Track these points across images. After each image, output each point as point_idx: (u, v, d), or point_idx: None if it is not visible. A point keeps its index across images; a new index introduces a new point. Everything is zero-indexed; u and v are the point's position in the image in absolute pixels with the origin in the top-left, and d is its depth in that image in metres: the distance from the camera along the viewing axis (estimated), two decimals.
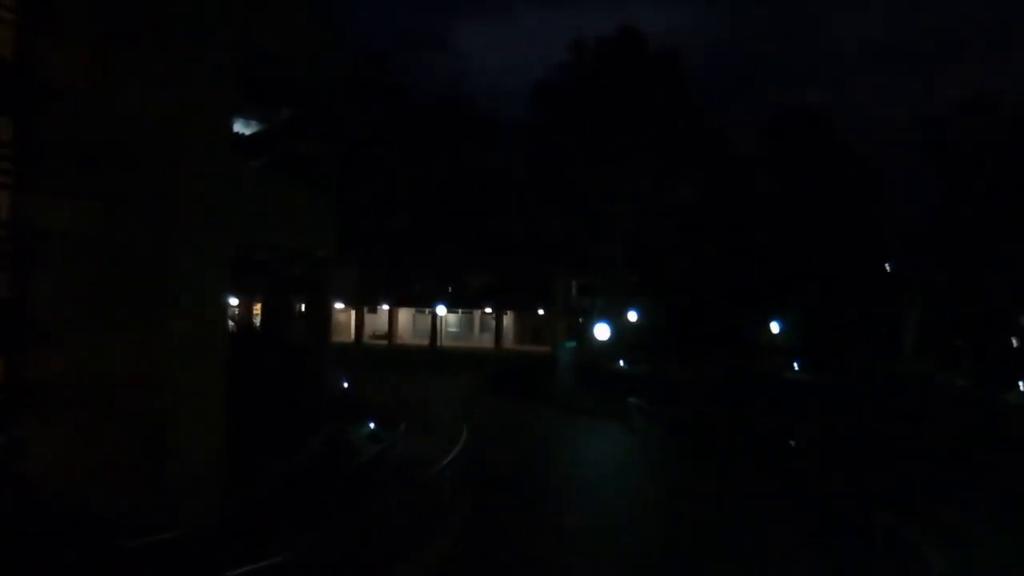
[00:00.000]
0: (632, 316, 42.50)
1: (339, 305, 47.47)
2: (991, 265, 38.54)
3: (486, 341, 46.55)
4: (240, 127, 12.66)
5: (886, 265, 47.64)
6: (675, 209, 43.57)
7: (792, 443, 19.94)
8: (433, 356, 36.99)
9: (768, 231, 43.88)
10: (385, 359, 34.50)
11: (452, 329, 48.43)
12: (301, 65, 12.19)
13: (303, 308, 14.94)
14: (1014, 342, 40.99)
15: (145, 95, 7.85)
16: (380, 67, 39.70)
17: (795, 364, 36.72)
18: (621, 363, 35.27)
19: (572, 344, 20.35)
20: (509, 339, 46.53)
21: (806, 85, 78.30)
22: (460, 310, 47.88)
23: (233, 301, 15.24)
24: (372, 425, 14.37)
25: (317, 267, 13.58)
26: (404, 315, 47.20)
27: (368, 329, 47.47)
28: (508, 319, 47.08)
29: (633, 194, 40.71)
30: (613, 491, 10.19)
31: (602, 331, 20.25)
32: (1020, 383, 29.66)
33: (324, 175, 13.70)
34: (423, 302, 44.00)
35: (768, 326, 42.24)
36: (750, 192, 46.23)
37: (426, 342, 42.49)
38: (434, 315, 41.13)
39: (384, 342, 45.46)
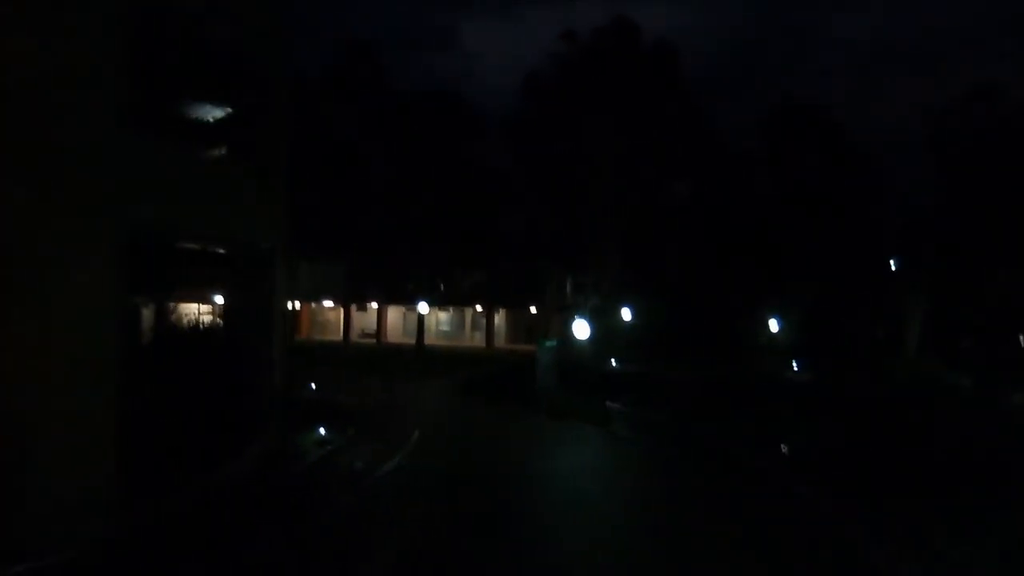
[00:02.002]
0: (626, 314, 41.40)
1: (328, 303, 46.49)
2: (997, 261, 37.21)
3: (478, 340, 45.44)
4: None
5: (890, 263, 46.46)
6: (672, 205, 42.48)
7: (784, 448, 18.83)
8: (418, 356, 35.84)
9: (767, 228, 42.73)
10: (369, 359, 33.40)
11: (443, 328, 47.36)
12: (235, 42, 11.08)
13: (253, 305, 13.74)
14: (1021, 340, 39.62)
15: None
16: (366, 59, 38.57)
17: (794, 364, 35.42)
18: (613, 362, 34.14)
19: (553, 343, 19.12)
20: (501, 338, 45.38)
21: (807, 84, 77.01)
22: (451, 308, 46.80)
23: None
24: (323, 431, 13.20)
25: (262, 259, 12.44)
26: (394, 313, 46.10)
27: (357, 328, 46.42)
28: (500, 317, 45.96)
29: (628, 190, 39.55)
30: (570, 524, 8.89)
31: (581, 329, 19.03)
32: None
33: (269, 162, 12.58)
34: (413, 300, 42.90)
35: (767, 325, 41.03)
36: (748, 188, 45.11)
37: (414, 340, 41.35)
38: (421, 314, 39.97)
39: (373, 341, 44.38)
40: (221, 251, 12.22)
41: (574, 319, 20.71)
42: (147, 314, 12.39)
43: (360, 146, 39.40)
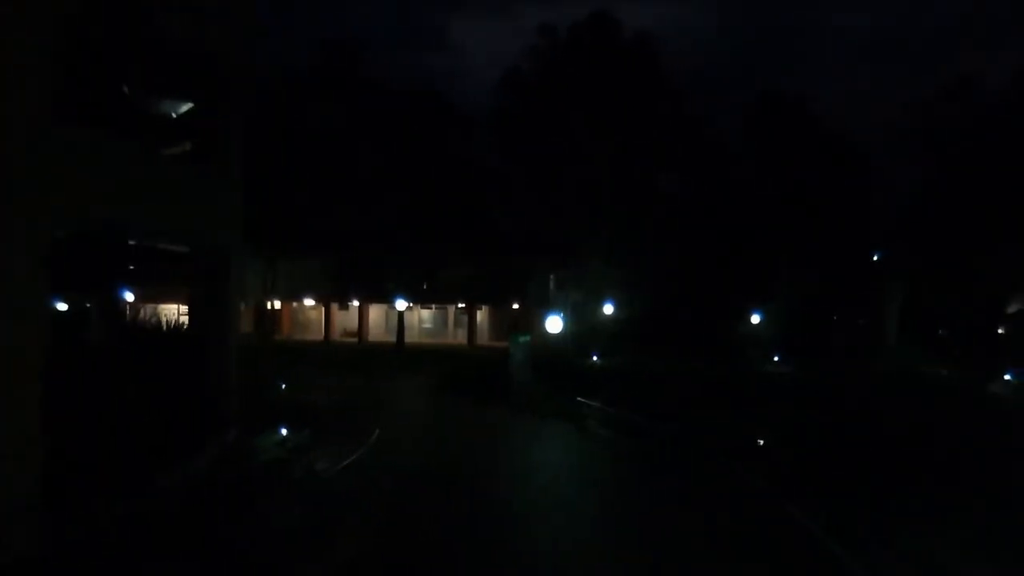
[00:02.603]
0: (609, 309, 41.33)
1: (309, 302, 46.06)
2: (976, 252, 37.41)
3: (461, 337, 45.20)
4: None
5: (873, 255, 46.65)
6: (655, 200, 42.40)
7: (760, 442, 18.75)
8: (397, 355, 35.54)
9: (749, 221, 42.77)
10: (348, 358, 33.07)
11: (426, 326, 47.09)
12: (187, 34, 10.77)
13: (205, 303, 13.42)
14: (999, 331, 39.91)
15: None
16: (346, 54, 38.14)
17: (775, 356, 35.45)
18: (594, 357, 33.99)
19: (526, 338, 18.92)
20: (485, 335, 45.15)
21: (795, 78, 77.22)
22: (434, 306, 46.53)
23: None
24: (284, 432, 12.93)
25: (216, 256, 12.14)
26: (376, 312, 45.74)
27: (338, 326, 46.05)
28: (483, 314, 45.72)
29: (611, 185, 39.43)
30: (530, 534, 8.68)
31: (554, 324, 18.84)
32: (1007, 374, 28.39)
33: (224, 157, 12.27)
34: (395, 298, 42.56)
35: (749, 318, 41.11)
36: (731, 182, 45.12)
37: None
38: (401, 312, 39.67)
39: (354, 340, 44.03)
40: (172, 248, 11.93)
41: (548, 314, 20.50)
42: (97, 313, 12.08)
43: (342, 143, 38.99)
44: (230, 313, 12.22)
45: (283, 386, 19.32)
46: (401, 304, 38.31)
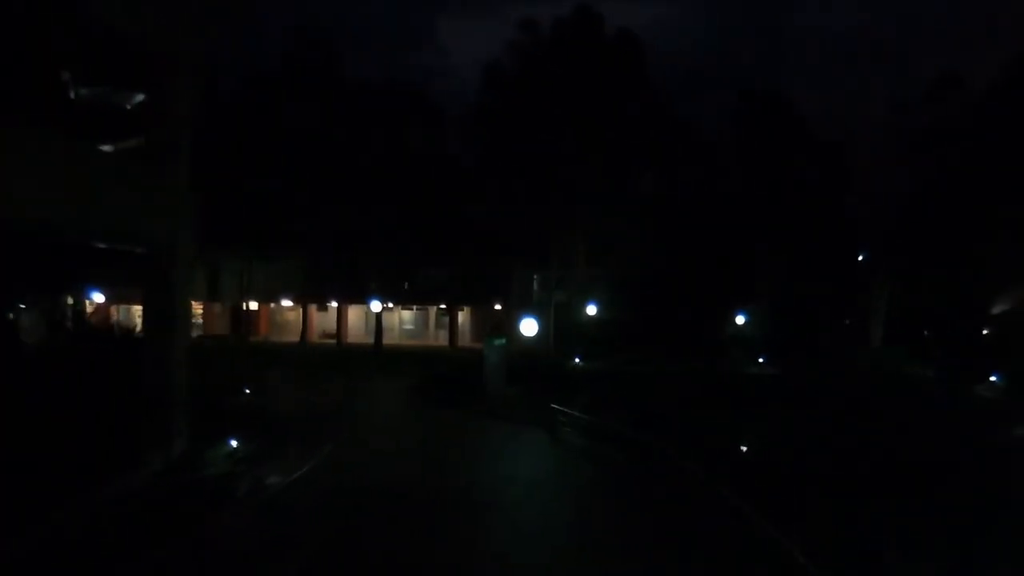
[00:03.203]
0: (592, 310, 40.71)
1: (287, 303, 45.09)
2: (961, 253, 37.14)
3: (442, 339, 44.40)
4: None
5: (858, 255, 46.37)
6: (639, 199, 41.85)
7: (743, 449, 18.15)
8: (375, 357, 34.71)
9: (734, 221, 42.33)
10: (324, 360, 32.22)
11: (407, 327, 46.26)
12: (127, 26, 9.99)
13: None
14: (984, 332, 39.68)
15: None
16: (319, 48, 37.25)
17: (760, 358, 34.97)
18: (577, 359, 33.38)
19: (502, 341, 18.20)
20: (466, 336, 44.38)
21: (782, 79, 76.99)
22: (415, 307, 45.71)
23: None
24: (236, 442, 12.13)
25: (159, 253, 11.34)
26: (355, 313, 44.83)
27: (317, 328, 45.11)
28: (465, 315, 44.96)
29: (594, 183, 38.79)
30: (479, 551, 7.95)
31: (528, 326, 18.13)
32: (992, 376, 28.01)
33: (169, 155, 11.49)
34: (374, 299, 41.65)
35: (734, 318, 40.66)
36: (716, 181, 44.70)
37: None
38: (379, 313, 38.83)
39: (333, 341, 43.12)
40: (117, 249, 11.11)
41: (522, 316, 19.80)
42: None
43: (319, 140, 38.08)
44: (176, 315, 11.40)
45: (247, 391, 18.46)
46: (376, 305, 37.46)
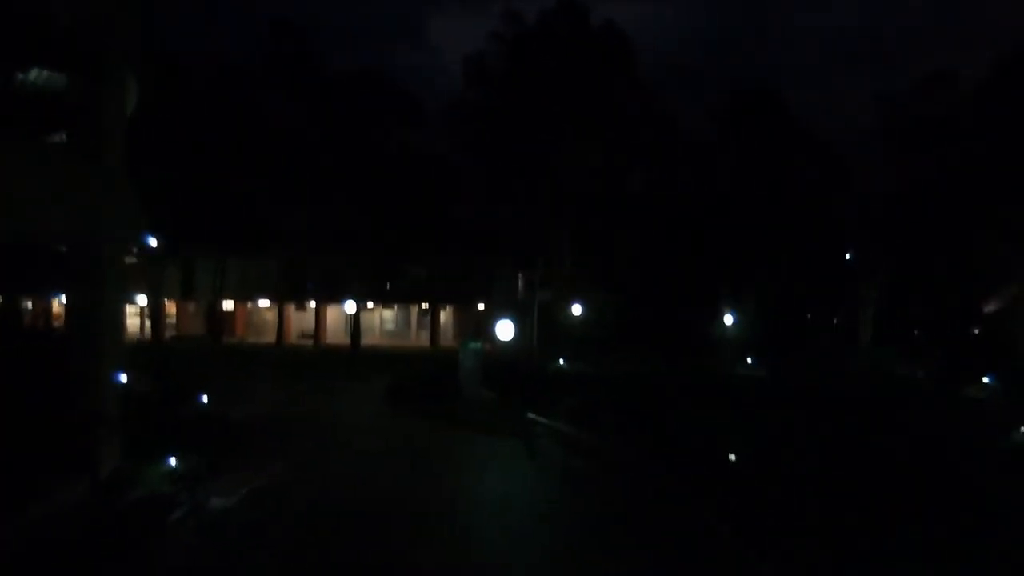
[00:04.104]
0: (577, 310, 39.74)
1: (264, 303, 43.79)
2: (950, 251, 36.54)
3: (424, 339, 43.30)
4: None
5: (846, 255, 45.80)
6: (626, 196, 40.98)
7: (732, 457, 17.21)
8: (351, 358, 33.53)
9: (723, 220, 41.54)
10: (299, 362, 31.00)
11: (388, 327, 45.14)
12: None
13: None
14: (975, 332, 39.12)
15: None
16: (293, 39, 35.97)
17: (749, 360, 34.12)
18: (561, 361, 32.38)
19: (477, 345, 17.12)
20: (448, 336, 43.28)
21: (775, 78, 76.38)
22: (396, 306, 44.58)
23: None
24: (174, 462, 10.95)
25: (83, 252, 10.17)
26: (334, 313, 43.59)
27: (295, 328, 43.87)
28: (447, 315, 43.86)
29: (579, 179, 37.85)
30: None
31: (505, 330, 17.07)
32: (986, 377, 27.23)
33: (101, 148, 10.31)
34: (354, 299, 40.45)
35: (722, 318, 39.84)
36: (705, 179, 43.92)
37: (360, 340, 38.95)
38: (356, 314, 37.67)
39: (311, 342, 41.90)
40: (35, 247, 9.92)
41: (497, 319, 18.74)
42: None
43: (296, 134, 36.82)
44: (105, 319, 10.22)
45: (205, 398, 17.22)
46: (351, 306, 36.32)
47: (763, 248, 40.20)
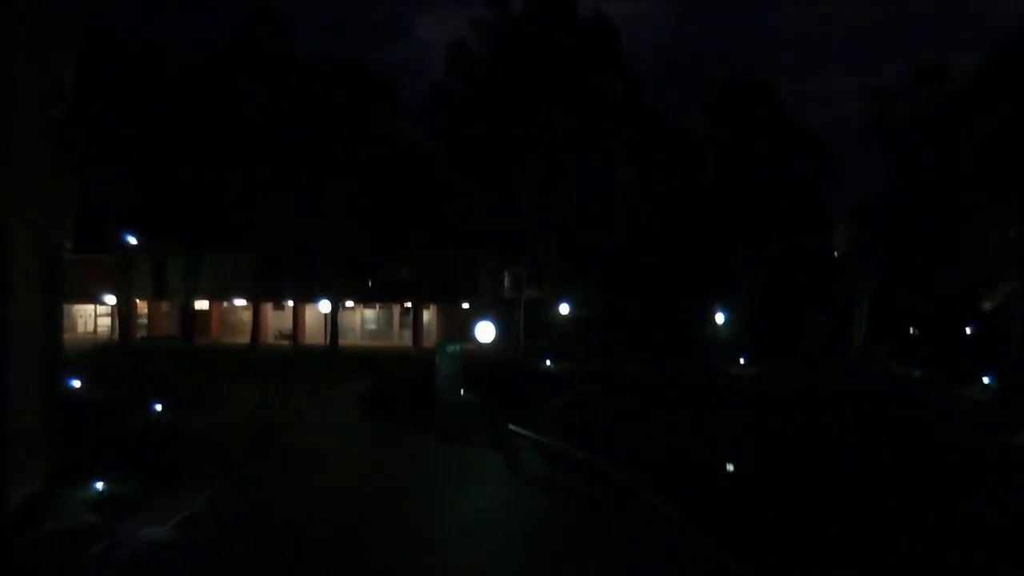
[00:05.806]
0: (565, 308, 38.63)
1: (240, 302, 42.21)
2: (945, 247, 35.69)
3: (407, 339, 41.87)
4: None
5: (834, 252, 45.05)
6: (614, 191, 39.84)
7: (729, 467, 16.26)
8: (329, 360, 32.13)
9: (714, 217, 40.55)
10: (273, 364, 29.57)
11: (370, 326, 43.66)
12: None
13: None
14: (968, 330, 38.40)
15: None
16: (269, 25, 34.42)
17: (741, 358, 33.17)
18: (548, 361, 31.28)
19: (455, 348, 15.89)
20: (432, 336, 41.89)
21: (766, 73, 75.89)
22: (378, 305, 43.12)
23: None
24: (101, 486, 9.64)
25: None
26: (313, 312, 42.01)
27: (272, 328, 42.31)
28: (431, 314, 42.48)
29: (566, 174, 36.63)
30: None
31: (485, 332, 15.84)
32: (985, 377, 26.37)
33: (12, 133, 8.95)
34: (334, 297, 38.99)
35: (713, 317, 38.84)
36: (696, 174, 42.92)
37: (340, 341, 37.46)
38: (333, 313, 36.24)
39: (288, 343, 40.41)
40: None
41: (479, 319, 17.48)
42: None
43: (271, 124, 35.25)
44: (12, 323, 8.87)
45: (159, 407, 15.87)
46: (326, 305, 34.89)
47: (755, 244, 39.24)
